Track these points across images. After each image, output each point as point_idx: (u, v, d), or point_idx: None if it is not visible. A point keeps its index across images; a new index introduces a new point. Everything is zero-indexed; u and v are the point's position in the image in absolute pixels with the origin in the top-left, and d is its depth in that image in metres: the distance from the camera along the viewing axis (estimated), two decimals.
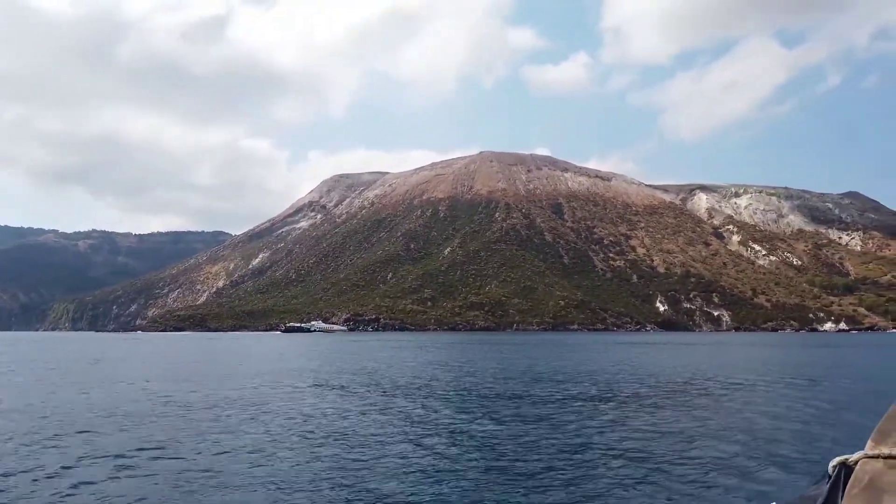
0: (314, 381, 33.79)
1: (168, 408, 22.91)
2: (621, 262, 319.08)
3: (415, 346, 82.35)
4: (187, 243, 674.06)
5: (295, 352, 73.90)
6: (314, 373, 39.70)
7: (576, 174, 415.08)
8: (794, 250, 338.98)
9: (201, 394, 27.39)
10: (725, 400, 25.50)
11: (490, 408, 22.62)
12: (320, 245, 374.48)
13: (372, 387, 29.99)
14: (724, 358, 61.01)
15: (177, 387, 30.62)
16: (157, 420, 20.06)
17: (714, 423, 19.53)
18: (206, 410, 22.28)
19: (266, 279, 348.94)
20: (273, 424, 19.16)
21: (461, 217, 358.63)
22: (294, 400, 25.21)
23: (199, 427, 18.60)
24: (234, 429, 18.42)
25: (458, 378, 35.02)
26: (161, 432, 17.61)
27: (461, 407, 22.91)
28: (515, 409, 22.04)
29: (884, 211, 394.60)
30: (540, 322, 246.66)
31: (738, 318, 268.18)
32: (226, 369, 45.60)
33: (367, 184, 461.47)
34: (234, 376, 38.12)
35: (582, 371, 40.18)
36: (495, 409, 22.34)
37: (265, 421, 19.87)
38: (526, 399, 24.99)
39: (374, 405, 23.56)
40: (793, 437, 17.09)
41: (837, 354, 69.67)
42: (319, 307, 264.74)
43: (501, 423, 19.32)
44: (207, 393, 27.73)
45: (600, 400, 25.14)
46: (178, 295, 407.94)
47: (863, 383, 33.01)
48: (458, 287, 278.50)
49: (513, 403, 23.71)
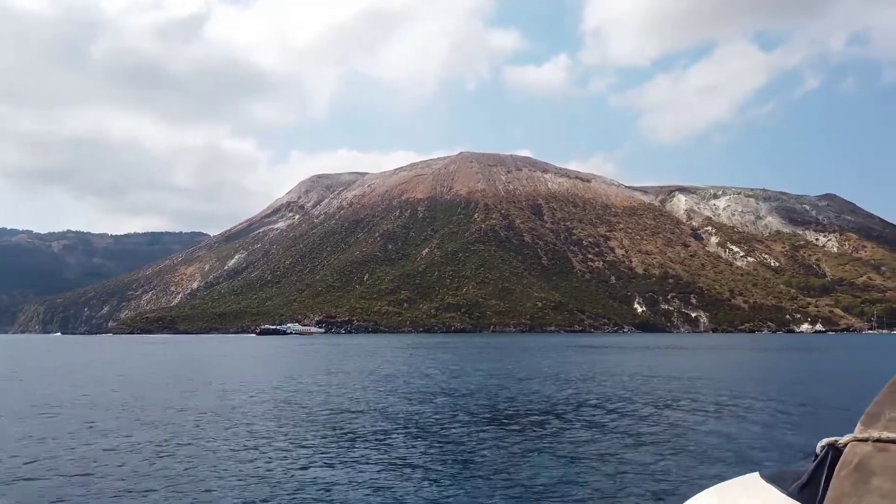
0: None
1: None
2: (600, 264, 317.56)
3: (366, 354, 78.93)
4: (164, 244, 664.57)
5: (247, 355, 69.87)
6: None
7: (556, 175, 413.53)
8: (772, 251, 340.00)
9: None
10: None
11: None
12: (297, 246, 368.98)
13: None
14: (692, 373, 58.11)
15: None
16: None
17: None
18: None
19: (241, 280, 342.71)
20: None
21: (440, 218, 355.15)
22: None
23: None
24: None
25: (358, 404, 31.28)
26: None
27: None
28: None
29: (860, 213, 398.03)
30: (517, 324, 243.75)
31: (716, 320, 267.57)
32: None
33: (347, 184, 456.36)
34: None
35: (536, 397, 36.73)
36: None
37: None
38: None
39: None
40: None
41: (813, 362, 67.23)
42: (293, 309, 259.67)
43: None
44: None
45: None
46: (151, 297, 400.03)
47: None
48: (436, 288, 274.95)
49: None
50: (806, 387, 31.75)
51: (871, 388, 1.17)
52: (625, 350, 78.99)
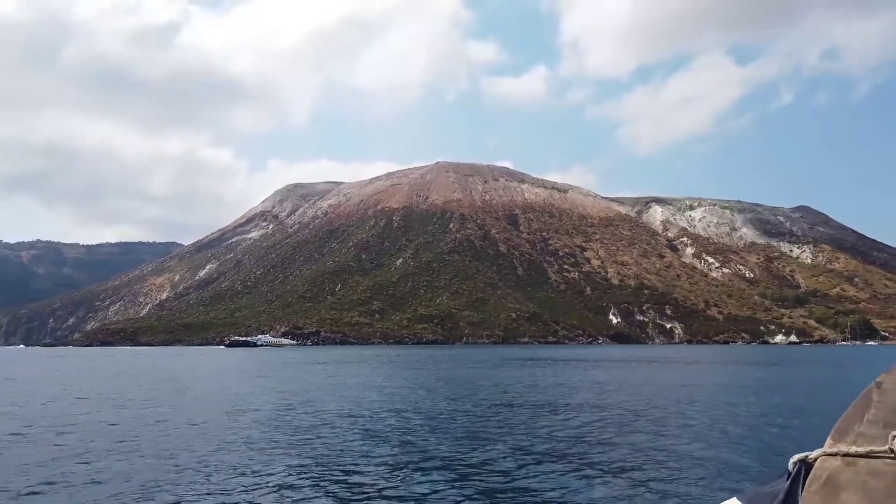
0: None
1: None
2: (576, 274, 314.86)
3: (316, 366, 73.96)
4: (137, 254, 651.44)
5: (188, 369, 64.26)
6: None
7: (532, 185, 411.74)
8: (747, 263, 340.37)
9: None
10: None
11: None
12: (269, 256, 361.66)
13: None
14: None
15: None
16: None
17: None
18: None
19: (210, 291, 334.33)
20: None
21: (415, 227, 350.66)
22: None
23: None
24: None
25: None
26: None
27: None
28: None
29: (833, 225, 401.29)
30: (490, 335, 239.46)
31: (691, 331, 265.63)
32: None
33: (322, 193, 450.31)
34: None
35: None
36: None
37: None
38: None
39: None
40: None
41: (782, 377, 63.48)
42: (261, 320, 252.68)
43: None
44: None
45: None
46: (119, 308, 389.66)
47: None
48: (409, 299, 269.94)
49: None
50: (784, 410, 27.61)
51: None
52: (586, 365, 74.85)
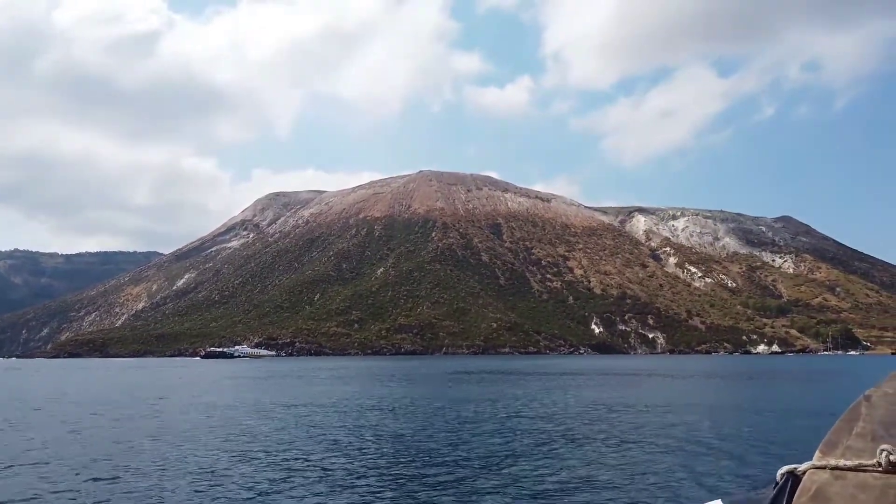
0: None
1: None
2: (558, 284, 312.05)
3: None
4: (117, 264, 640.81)
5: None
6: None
7: (516, 195, 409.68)
8: (729, 272, 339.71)
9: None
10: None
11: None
12: (248, 265, 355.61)
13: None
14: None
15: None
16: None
17: None
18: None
19: (186, 301, 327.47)
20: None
21: (397, 236, 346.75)
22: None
23: None
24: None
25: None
26: None
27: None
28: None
29: (815, 235, 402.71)
30: (470, 345, 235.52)
31: (673, 341, 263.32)
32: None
33: (304, 202, 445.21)
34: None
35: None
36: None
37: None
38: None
39: None
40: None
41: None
42: (237, 330, 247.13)
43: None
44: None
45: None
46: (95, 318, 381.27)
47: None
48: (388, 308, 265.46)
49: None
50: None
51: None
52: (556, 380, 71.24)
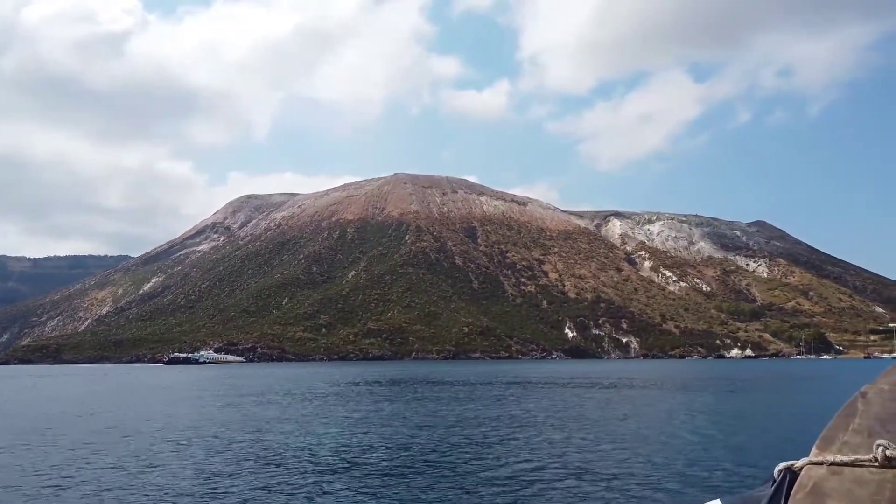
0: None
1: None
2: (532, 288, 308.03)
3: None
4: (87, 268, 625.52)
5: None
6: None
7: (491, 198, 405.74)
8: (704, 276, 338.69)
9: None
10: None
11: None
12: (216, 269, 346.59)
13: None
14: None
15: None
16: None
17: None
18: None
19: (151, 306, 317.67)
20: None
21: (370, 239, 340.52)
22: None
23: None
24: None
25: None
26: None
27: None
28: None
29: (789, 239, 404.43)
30: (440, 350, 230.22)
31: (647, 345, 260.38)
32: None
33: (277, 205, 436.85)
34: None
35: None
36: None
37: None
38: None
39: None
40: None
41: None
42: (200, 335, 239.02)
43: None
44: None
45: None
46: (58, 323, 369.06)
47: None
48: (358, 313, 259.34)
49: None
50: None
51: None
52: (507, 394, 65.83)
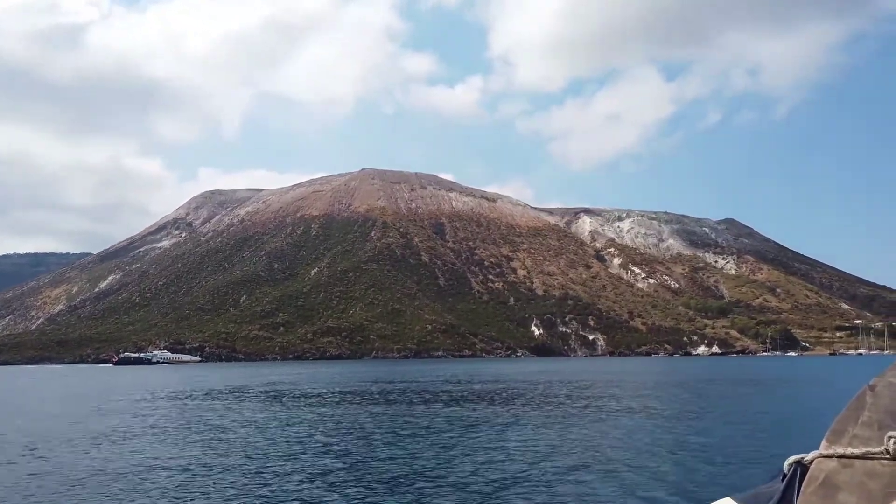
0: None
1: None
2: (500, 284, 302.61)
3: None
4: (48, 266, 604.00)
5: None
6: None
7: (461, 194, 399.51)
8: (673, 273, 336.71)
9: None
10: None
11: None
12: (175, 265, 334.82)
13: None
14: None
15: None
16: None
17: None
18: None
19: (105, 304, 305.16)
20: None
21: (335, 236, 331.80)
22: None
23: None
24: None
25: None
26: None
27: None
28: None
29: (757, 237, 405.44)
30: (402, 349, 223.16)
31: (613, 342, 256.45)
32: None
33: (241, 200, 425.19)
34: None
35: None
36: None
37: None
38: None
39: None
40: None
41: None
42: (151, 335, 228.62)
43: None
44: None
45: None
46: (9, 322, 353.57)
47: None
48: (319, 310, 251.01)
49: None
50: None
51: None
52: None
